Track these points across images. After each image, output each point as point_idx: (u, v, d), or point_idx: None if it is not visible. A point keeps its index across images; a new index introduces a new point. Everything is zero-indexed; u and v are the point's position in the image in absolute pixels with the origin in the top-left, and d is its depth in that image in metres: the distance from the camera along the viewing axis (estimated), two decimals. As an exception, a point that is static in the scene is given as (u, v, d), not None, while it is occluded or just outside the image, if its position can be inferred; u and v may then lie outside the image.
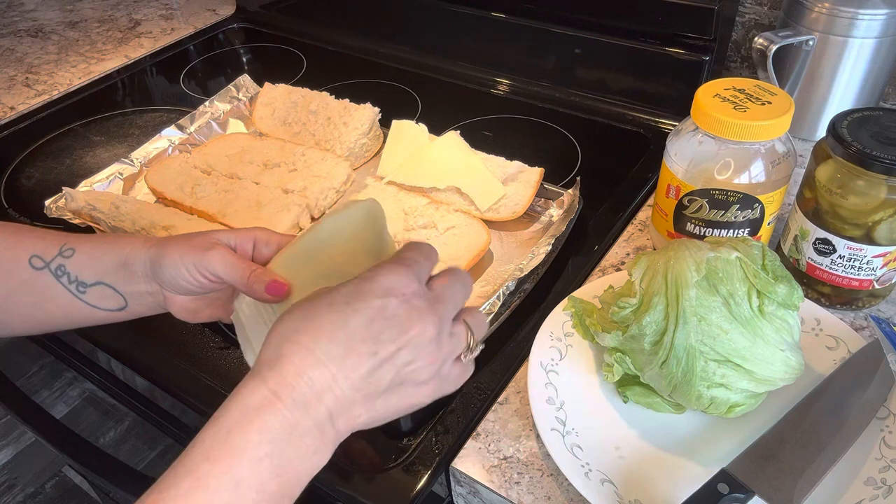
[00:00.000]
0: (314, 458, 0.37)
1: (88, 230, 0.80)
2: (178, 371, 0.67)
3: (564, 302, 0.65)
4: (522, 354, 0.64)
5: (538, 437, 0.57)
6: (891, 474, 0.51)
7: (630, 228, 0.80)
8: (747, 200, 0.64)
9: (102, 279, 0.50)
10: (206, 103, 0.99)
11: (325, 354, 0.37)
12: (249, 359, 0.48)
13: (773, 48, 0.82)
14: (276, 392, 0.35)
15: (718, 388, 0.53)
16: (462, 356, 0.44)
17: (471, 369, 0.46)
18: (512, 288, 0.67)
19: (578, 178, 0.79)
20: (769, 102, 0.62)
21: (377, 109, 0.92)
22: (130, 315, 0.53)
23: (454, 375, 0.43)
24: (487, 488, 0.55)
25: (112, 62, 1.21)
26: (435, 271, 0.46)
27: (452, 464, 0.57)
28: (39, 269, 0.51)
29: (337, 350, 0.37)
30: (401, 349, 0.38)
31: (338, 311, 0.38)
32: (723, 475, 0.50)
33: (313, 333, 0.37)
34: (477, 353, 0.46)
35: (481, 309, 0.65)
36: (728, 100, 0.63)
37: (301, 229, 0.81)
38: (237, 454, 0.34)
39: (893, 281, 0.65)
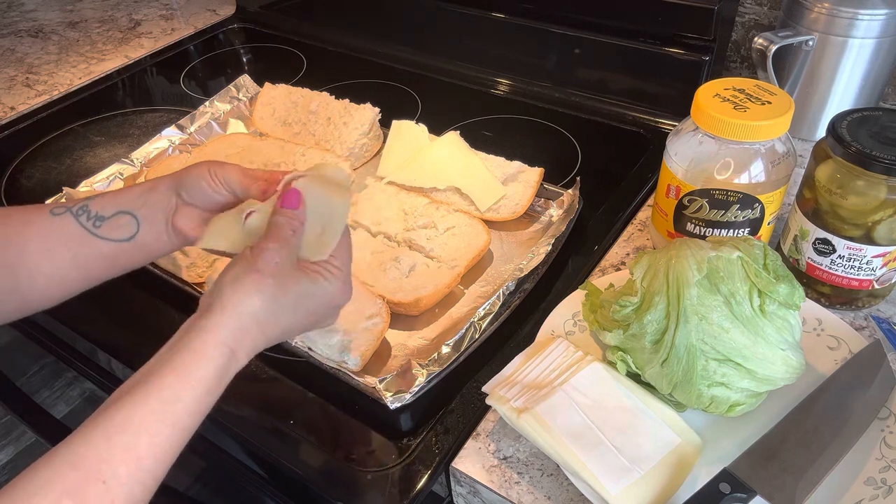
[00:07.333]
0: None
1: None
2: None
3: (575, 293, 0.66)
4: (523, 354, 0.64)
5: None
6: (891, 474, 0.51)
7: (630, 228, 0.80)
8: (747, 200, 0.64)
9: (122, 207, 0.54)
10: (207, 103, 0.99)
11: (273, 338, 0.50)
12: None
13: (773, 48, 0.82)
14: (235, 352, 0.47)
15: (719, 387, 0.53)
16: None
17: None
18: (512, 288, 0.67)
19: (578, 178, 0.79)
20: (769, 102, 0.62)
21: (377, 109, 0.92)
22: (135, 249, 0.54)
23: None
24: (487, 488, 0.55)
25: (112, 62, 1.21)
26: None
27: (452, 464, 0.57)
28: (59, 214, 0.53)
29: (281, 336, 0.50)
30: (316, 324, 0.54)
31: (299, 316, 0.50)
32: (724, 475, 0.50)
33: (274, 328, 0.49)
34: None
35: (481, 309, 0.65)
36: (728, 100, 0.63)
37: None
38: (199, 380, 0.46)
39: (893, 281, 0.65)
